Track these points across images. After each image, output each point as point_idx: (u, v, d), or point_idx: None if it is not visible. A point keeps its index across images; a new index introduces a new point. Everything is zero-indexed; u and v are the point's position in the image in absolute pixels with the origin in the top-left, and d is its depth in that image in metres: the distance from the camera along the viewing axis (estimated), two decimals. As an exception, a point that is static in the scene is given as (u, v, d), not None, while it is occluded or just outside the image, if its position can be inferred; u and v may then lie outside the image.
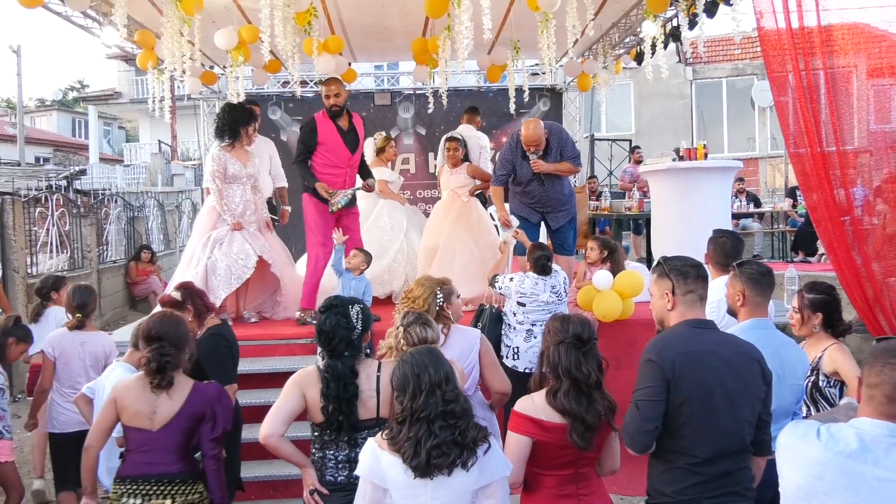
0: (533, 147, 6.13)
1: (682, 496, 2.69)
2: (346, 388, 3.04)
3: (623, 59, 10.06)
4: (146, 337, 3.34)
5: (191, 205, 18.21)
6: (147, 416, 3.25)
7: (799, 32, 3.82)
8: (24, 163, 23.77)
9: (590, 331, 2.93)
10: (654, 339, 2.87)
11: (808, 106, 3.86)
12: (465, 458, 2.59)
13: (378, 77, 12.99)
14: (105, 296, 11.67)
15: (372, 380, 3.11)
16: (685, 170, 7.04)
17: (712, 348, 2.76)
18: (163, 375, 3.26)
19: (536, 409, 2.86)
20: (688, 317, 2.87)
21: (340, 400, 3.02)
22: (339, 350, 3.12)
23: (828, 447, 2.10)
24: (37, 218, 9.93)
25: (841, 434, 2.11)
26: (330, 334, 3.13)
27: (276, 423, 3.09)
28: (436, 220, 6.90)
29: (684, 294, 2.89)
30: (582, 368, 2.84)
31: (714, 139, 19.19)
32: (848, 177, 3.88)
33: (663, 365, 2.71)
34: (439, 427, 2.58)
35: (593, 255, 5.76)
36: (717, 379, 2.70)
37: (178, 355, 3.34)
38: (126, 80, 29.57)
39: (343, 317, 3.15)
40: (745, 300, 3.28)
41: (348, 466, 3.07)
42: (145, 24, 7.94)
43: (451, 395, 2.64)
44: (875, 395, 2.11)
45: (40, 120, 36.05)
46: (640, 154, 12.41)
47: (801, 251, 11.22)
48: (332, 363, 3.11)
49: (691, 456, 2.69)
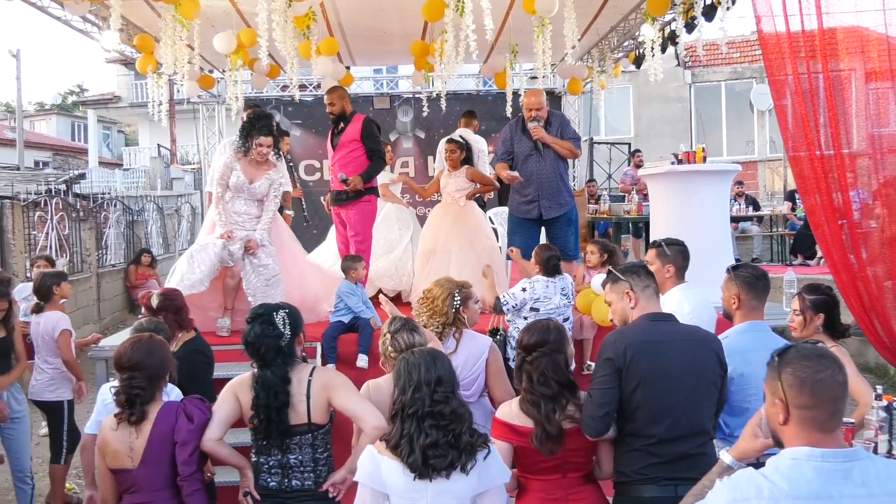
0: (534, 111, 6.07)
1: (641, 475, 2.82)
2: (276, 396, 3.00)
3: (622, 62, 10.08)
4: (118, 366, 3.09)
5: (190, 209, 18.21)
6: (126, 454, 3.02)
7: (799, 36, 3.82)
8: (23, 167, 23.71)
9: (535, 340, 2.95)
10: (610, 333, 3.05)
11: (807, 109, 3.86)
12: (463, 461, 2.59)
13: (377, 81, 13.03)
14: (104, 300, 11.67)
15: (303, 385, 3.06)
16: (684, 173, 7.02)
17: (667, 337, 2.94)
18: (131, 409, 3.02)
19: (511, 414, 2.95)
20: (647, 311, 3.04)
21: (270, 409, 3.00)
22: (267, 359, 3.07)
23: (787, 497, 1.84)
24: (36, 222, 9.93)
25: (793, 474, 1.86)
26: (256, 344, 3.08)
27: (211, 428, 3.07)
28: (432, 223, 6.87)
29: (642, 290, 3.08)
30: (521, 376, 2.95)
31: (713, 142, 19.18)
32: (846, 180, 3.89)
33: (615, 355, 2.87)
34: (429, 426, 2.59)
35: (593, 259, 5.74)
36: (670, 364, 2.85)
37: (152, 385, 3.06)
38: (125, 84, 29.58)
39: (268, 325, 3.08)
40: (741, 303, 3.36)
41: (280, 472, 3.05)
42: (145, 29, 7.96)
43: (440, 396, 2.64)
44: (816, 414, 1.88)
45: (40, 124, 36.01)
46: (641, 157, 12.42)
47: (800, 254, 11.23)
48: (261, 373, 3.07)
49: (647, 437, 2.82)
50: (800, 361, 1.92)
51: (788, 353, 1.97)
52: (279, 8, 6.10)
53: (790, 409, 1.92)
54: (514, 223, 6.38)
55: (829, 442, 1.89)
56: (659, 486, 2.78)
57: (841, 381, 1.91)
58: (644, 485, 2.81)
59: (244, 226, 5.71)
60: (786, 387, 1.92)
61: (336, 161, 6.53)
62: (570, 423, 2.87)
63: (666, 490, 2.76)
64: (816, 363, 1.91)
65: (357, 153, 6.48)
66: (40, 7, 6.88)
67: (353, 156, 6.47)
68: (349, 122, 6.50)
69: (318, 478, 3.04)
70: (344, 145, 6.47)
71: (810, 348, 1.98)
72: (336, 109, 6.48)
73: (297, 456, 3.04)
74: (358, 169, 6.40)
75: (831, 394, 1.89)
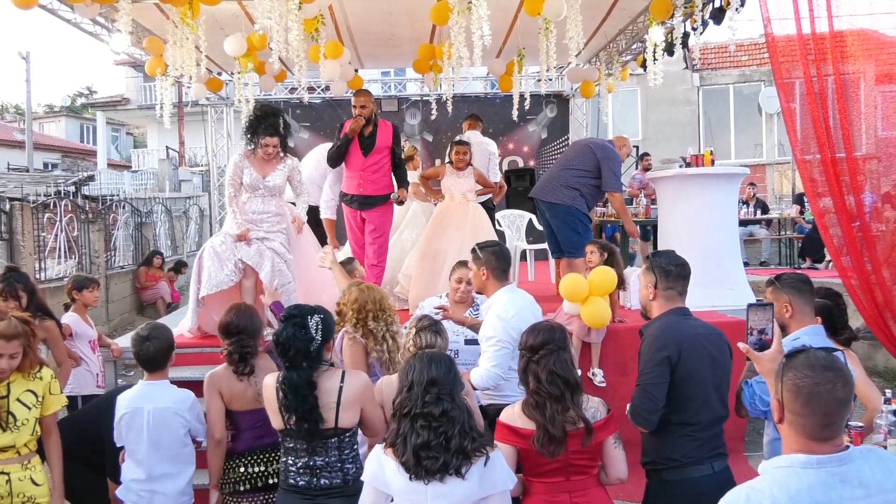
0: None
1: (689, 457, 3.07)
2: (305, 399, 3.05)
3: (629, 65, 10.07)
4: (225, 331, 3.68)
5: (198, 211, 18.27)
6: (254, 398, 3.55)
7: (809, 38, 3.81)
8: (32, 169, 23.88)
9: (541, 339, 2.95)
10: (654, 330, 3.19)
11: (818, 112, 3.85)
12: (457, 465, 2.60)
13: (385, 83, 13.03)
14: (112, 301, 11.70)
15: (333, 393, 3.10)
16: (692, 176, 7.02)
17: (698, 331, 3.17)
18: (245, 364, 3.61)
19: (514, 416, 2.95)
20: (670, 307, 3.22)
21: (300, 411, 3.05)
22: (296, 361, 3.11)
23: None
24: (45, 223, 9.97)
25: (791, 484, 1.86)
26: (286, 345, 3.12)
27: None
28: (435, 224, 6.85)
29: (664, 290, 3.23)
30: (527, 377, 2.95)
31: (721, 145, 19.13)
32: (858, 183, 3.87)
33: (670, 351, 3.06)
34: (420, 426, 2.63)
35: (595, 259, 5.74)
36: (707, 356, 3.10)
37: (256, 344, 3.70)
38: (134, 87, 29.67)
39: (301, 327, 3.12)
40: (794, 311, 3.31)
41: (308, 472, 3.11)
42: (154, 31, 7.98)
43: (431, 397, 2.66)
44: (807, 423, 1.88)
45: (49, 126, 36.19)
46: (649, 161, 12.40)
47: (809, 258, 11.19)
48: (288, 375, 3.12)
49: (695, 424, 3.08)
50: (803, 369, 1.91)
51: (798, 357, 1.95)
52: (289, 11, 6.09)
53: (785, 412, 1.93)
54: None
55: (823, 448, 1.88)
56: (702, 466, 3.08)
57: (840, 398, 1.88)
58: (692, 466, 3.07)
59: (261, 226, 5.67)
60: (784, 390, 1.93)
61: (368, 166, 6.48)
62: (573, 425, 2.85)
63: (706, 468, 3.07)
64: (819, 375, 1.88)
65: (386, 159, 6.56)
66: (50, 9, 6.91)
67: (383, 161, 6.55)
68: (377, 127, 6.51)
69: (345, 475, 3.12)
70: (378, 151, 6.50)
71: (821, 357, 1.93)
72: (367, 112, 6.42)
73: (323, 458, 3.11)
74: (385, 173, 6.57)
75: (825, 408, 1.87)
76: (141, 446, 3.56)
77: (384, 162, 6.54)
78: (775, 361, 2.22)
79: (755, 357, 2.49)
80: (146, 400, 3.60)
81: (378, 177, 6.50)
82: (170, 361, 3.74)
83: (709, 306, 6.08)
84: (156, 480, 3.57)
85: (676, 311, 3.20)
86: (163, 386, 3.69)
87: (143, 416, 3.56)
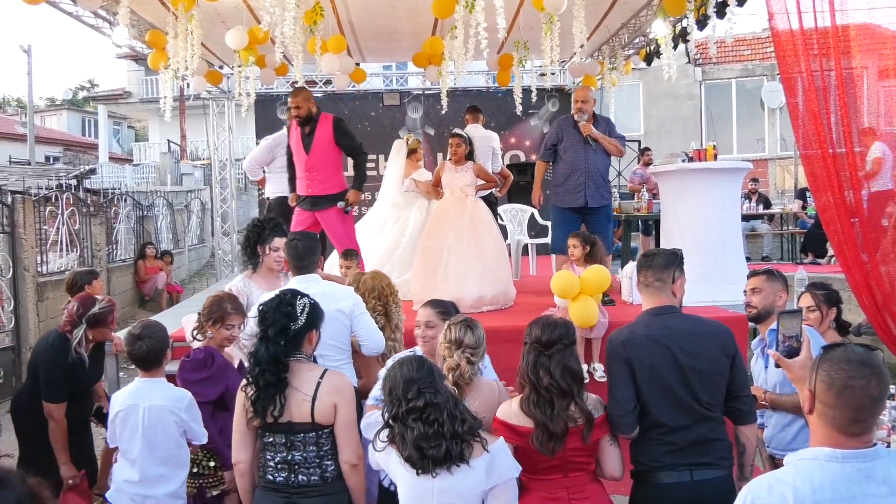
0: (580, 102, 6.61)
1: (658, 462, 2.94)
2: (263, 374, 2.96)
3: (632, 59, 10.04)
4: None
5: (200, 204, 18.27)
6: None
7: (812, 33, 3.80)
8: (34, 162, 23.88)
9: (557, 334, 2.90)
10: (613, 332, 3.16)
11: (819, 107, 3.84)
12: (458, 450, 2.61)
13: (387, 77, 13.01)
14: (114, 294, 11.70)
15: (310, 385, 2.99)
16: (694, 171, 6.99)
17: (665, 332, 2.98)
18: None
19: (511, 413, 2.94)
20: (649, 305, 3.12)
21: (259, 386, 2.96)
22: (269, 334, 3.02)
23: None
24: (47, 217, 9.96)
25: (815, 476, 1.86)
26: (265, 314, 3.05)
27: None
28: (436, 219, 6.76)
29: (640, 286, 3.17)
30: (539, 372, 2.87)
31: (723, 140, 19.10)
32: (858, 178, 3.86)
33: (621, 352, 2.99)
34: (413, 420, 2.66)
35: (577, 252, 5.69)
36: (666, 356, 2.93)
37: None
38: (136, 80, 29.68)
39: (287, 304, 3.06)
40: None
41: (286, 468, 3.02)
42: (156, 24, 7.97)
43: (413, 394, 2.68)
44: (836, 416, 1.88)
45: (50, 119, 36.23)
46: (650, 156, 12.38)
47: (811, 253, 11.16)
48: (257, 345, 3.05)
49: (660, 426, 2.94)
50: (839, 363, 1.91)
51: (836, 350, 1.96)
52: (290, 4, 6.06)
53: (816, 402, 1.93)
54: (557, 215, 6.56)
55: (850, 443, 1.88)
56: (676, 472, 2.91)
57: (873, 395, 1.88)
58: (662, 471, 2.93)
59: None
60: (818, 381, 1.93)
61: (311, 165, 6.31)
62: (573, 422, 2.85)
63: (682, 475, 2.89)
64: (854, 369, 1.88)
65: (332, 155, 6.37)
66: (52, 2, 6.89)
67: (329, 158, 6.35)
68: (317, 124, 6.31)
69: (324, 472, 3.02)
70: (318, 148, 6.30)
71: (859, 352, 1.93)
72: (303, 112, 6.23)
73: (301, 453, 3.01)
74: (334, 172, 6.36)
75: (856, 402, 1.87)
76: (135, 445, 3.44)
77: (330, 158, 6.34)
78: (806, 368, 2.20)
79: (786, 365, 2.41)
80: (142, 397, 3.48)
81: (325, 175, 6.31)
82: (165, 359, 3.61)
83: (710, 301, 6.06)
84: (149, 483, 3.44)
85: (650, 312, 3.09)
86: (159, 383, 3.57)
87: (138, 413, 3.45)
